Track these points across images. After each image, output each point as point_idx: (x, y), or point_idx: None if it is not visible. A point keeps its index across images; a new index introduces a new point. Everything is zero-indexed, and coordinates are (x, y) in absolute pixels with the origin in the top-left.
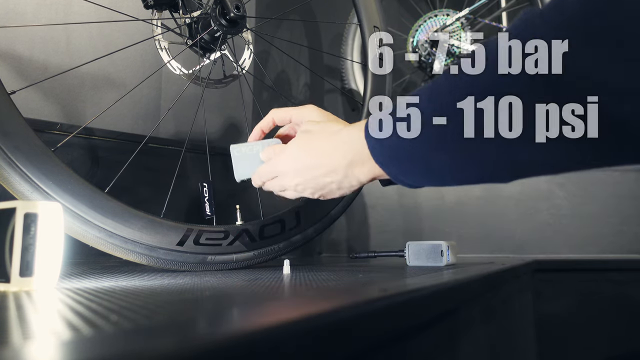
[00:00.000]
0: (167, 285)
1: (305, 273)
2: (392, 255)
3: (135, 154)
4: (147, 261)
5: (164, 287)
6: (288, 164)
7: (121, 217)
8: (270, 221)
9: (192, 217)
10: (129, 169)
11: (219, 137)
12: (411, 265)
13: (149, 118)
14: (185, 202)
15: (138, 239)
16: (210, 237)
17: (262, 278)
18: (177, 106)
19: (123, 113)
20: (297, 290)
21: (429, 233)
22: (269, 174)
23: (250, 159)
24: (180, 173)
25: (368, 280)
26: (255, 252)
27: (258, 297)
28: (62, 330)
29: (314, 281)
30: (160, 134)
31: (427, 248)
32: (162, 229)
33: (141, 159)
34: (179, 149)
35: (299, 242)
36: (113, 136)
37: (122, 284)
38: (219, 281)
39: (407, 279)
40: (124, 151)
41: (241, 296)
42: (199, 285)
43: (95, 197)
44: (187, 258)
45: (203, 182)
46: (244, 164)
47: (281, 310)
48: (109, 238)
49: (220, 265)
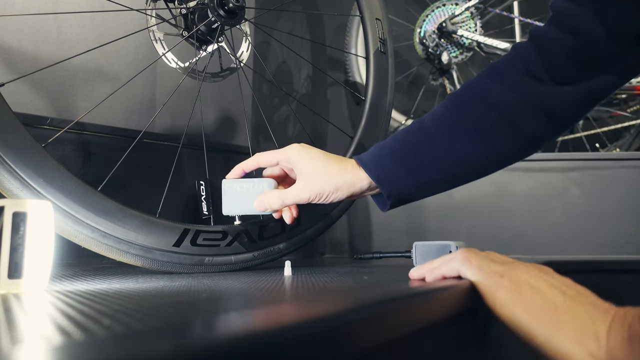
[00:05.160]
0: (162, 287)
1: (307, 275)
2: (399, 255)
3: (129, 150)
4: (142, 263)
5: (159, 289)
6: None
7: (115, 216)
8: (270, 221)
9: (188, 216)
10: (123, 166)
11: (216, 132)
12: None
13: (143, 113)
14: (182, 200)
15: (132, 239)
16: (207, 237)
17: (262, 280)
18: (172, 100)
19: (116, 107)
20: (299, 293)
21: (436, 232)
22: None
23: (240, 196)
24: (176, 170)
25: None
26: (255, 253)
27: (257, 300)
28: (52, 334)
29: (316, 283)
30: (156, 129)
31: (435, 248)
32: (157, 229)
33: (136, 156)
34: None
35: (300, 242)
36: (106, 131)
37: (115, 287)
38: (216, 283)
39: (412, 281)
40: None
41: (240, 299)
42: (195, 288)
43: (88, 195)
44: (184, 259)
45: (200, 180)
46: (234, 200)
47: (282, 313)
48: (102, 238)
49: (218, 267)
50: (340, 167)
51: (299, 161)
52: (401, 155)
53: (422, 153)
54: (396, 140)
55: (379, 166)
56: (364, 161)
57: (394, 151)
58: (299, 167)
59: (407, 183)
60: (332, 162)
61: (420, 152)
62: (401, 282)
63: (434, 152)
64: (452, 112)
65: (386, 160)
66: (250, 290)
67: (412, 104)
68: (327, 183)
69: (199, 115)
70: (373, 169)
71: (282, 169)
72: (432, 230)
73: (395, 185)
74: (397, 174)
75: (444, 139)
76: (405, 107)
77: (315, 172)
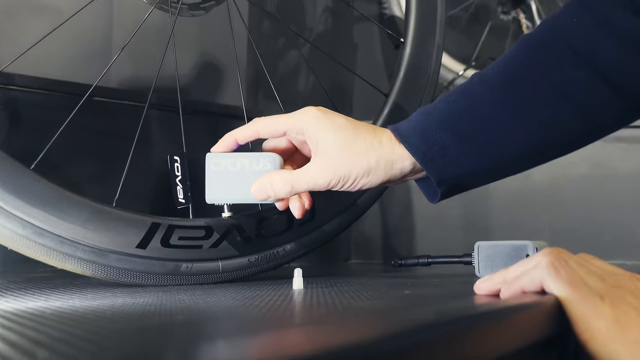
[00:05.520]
0: (121, 306)
1: (325, 288)
2: (454, 261)
3: (74, 111)
4: (92, 271)
5: (117, 309)
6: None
7: (54, 205)
8: (273, 213)
9: (158, 206)
10: (66, 135)
11: (197, 88)
12: (483, 275)
13: (94, 60)
14: (149, 183)
15: (79, 238)
16: (185, 235)
17: (262, 296)
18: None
19: (56, 53)
20: (313, 315)
21: (507, 228)
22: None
23: (231, 178)
24: (141, 141)
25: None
26: (251, 257)
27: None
28: None
29: (338, 300)
30: (112, 83)
31: (506, 251)
32: (114, 223)
33: (84, 120)
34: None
35: (314, 243)
36: (41, 86)
37: (55, 305)
38: (197, 301)
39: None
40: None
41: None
42: (168, 307)
43: (15, 174)
44: (152, 266)
45: (174, 155)
46: (222, 183)
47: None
48: (36, 237)
49: (199, 277)
50: (375, 140)
51: (316, 131)
52: (457, 123)
53: (486, 120)
54: (449, 102)
55: (424, 140)
56: (402, 133)
57: (447, 118)
58: (315, 139)
59: (465, 163)
60: (363, 133)
61: (484, 118)
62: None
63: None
64: (526, 60)
65: (435, 130)
66: (244, 310)
67: (474, 47)
68: (354, 163)
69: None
70: (416, 144)
71: (290, 141)
72: (500, 225)
73: (448, 167)
74: (450, 151)
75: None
76: (464, 52)
77: (339, 148)
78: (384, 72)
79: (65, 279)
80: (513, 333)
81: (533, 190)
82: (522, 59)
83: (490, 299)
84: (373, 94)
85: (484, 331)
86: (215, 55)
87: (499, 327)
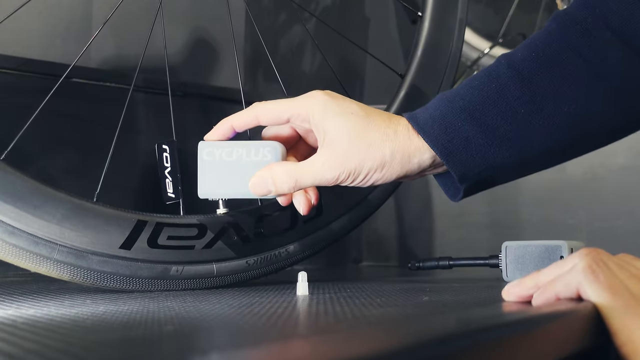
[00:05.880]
0: (102, 315)
1: (333, 294)
2: (479, 263)
3: (50, 94)
4: (70, 275)
5: (98, 317)
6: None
7: (28, 201)
8: (274, 209)
9: (145, 201)
10: (41, 120)
11: (188, 68)
12: (511, 279)
13: (72, 36)
14: (134, 176)
15: (56, 237)
16: (175, 234)
17: (262, 303)
18: (118, 16)
19: (29, 28)
20: (319, 323)
21: (538, 227)
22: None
23: (227, 169)
24: (125, 127)
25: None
26: (250, 259)
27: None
28: None
29: (348, 307)
30: (92, 63)
31: (538, 252)
32: (95, 221)
33: (61, 104)
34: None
35: (320, 243)
36: (12, 65)
37: (28, 313)
38: (189, 308)
39: (505, 303)
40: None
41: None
42: (156, 315)
43: None
44: (138, 269)
45: (162, 144)
46: (217, 175)
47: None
48: (8, 236)
49: (191, 282)
50: (389, 129)
51: (324, 119)
52: (481, 112)
53: (513, 109)
54: (473, 88)
55: (445, 131)
56: (420, 122)
57: (470, 106)
58: (323, 128)
59: (491, 157)
60: (376, 121)
61: (511, 107)
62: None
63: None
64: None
65: (457, 120)
66: (242, 319)
67: (501, 21)
68: (366, 155)
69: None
70: (436, 136)
71: (293, 128)
72: (530, 223)
73: (472, 162)
74: (474, 143)
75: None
76: (489, 28)
77: (349, 138)
78: (400, 51)
79: (40, 283)
80: (546, 345)
81: (568, 183)
82: (556, 39)
83: (520, 307)
84: (387, 75)
85: (513, 343)
86: (209, 30)
87: (530, 338)
